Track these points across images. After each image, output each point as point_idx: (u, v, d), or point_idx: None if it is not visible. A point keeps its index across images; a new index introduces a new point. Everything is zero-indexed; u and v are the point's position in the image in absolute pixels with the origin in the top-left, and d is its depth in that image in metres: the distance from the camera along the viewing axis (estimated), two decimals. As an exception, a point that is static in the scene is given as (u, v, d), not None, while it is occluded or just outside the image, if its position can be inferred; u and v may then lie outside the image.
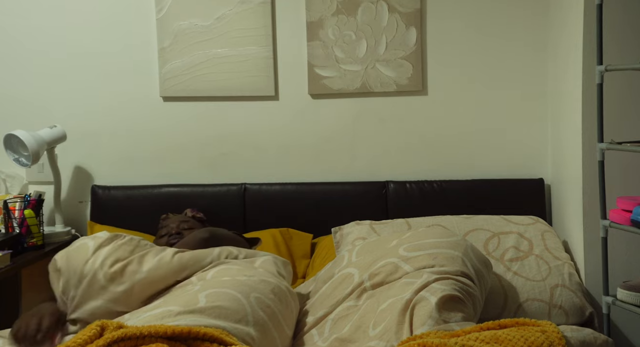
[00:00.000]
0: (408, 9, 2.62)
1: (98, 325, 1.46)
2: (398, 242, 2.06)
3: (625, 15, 2.18)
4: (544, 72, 2.61)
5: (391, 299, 1.81)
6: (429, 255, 1.93)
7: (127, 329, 1.42)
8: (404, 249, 2.00)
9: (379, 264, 1.94)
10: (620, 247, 2.19)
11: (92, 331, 1.43)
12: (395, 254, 1.99)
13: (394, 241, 2.10)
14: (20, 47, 2.77)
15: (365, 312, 1.83)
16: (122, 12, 2.73)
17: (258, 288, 1.80)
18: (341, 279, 2.00)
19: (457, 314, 1.72)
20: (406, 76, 2.65)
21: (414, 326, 1.69)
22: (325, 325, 1.88)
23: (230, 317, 1.63)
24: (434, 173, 2.65)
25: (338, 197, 2.61)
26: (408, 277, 1.81)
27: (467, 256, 1.96)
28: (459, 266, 1.89)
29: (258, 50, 2.68)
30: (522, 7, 2.60)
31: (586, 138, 2.20)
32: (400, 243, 2.05)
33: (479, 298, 1.87)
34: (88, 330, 1.45)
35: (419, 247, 1.99)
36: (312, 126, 2.71)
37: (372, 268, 1.96)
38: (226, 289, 1.73)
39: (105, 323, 1.48)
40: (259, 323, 1.68)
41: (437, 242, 2.00)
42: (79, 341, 1.40)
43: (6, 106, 2.79)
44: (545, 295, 2.15)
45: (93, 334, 1.43)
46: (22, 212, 2.44)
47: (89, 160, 2.80)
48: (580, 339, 1.53)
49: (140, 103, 2.74)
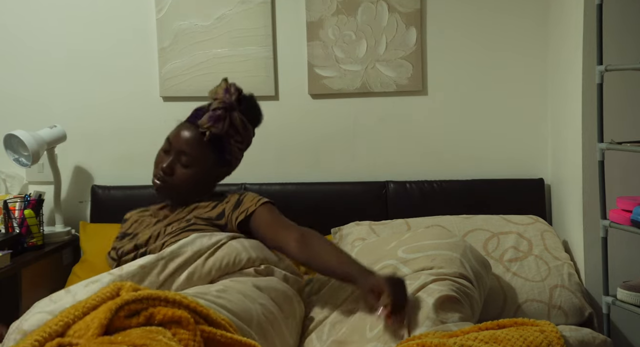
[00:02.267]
0: (408, 9, 2.62)
1: (116, 286, 1.44)
2: (397, 244, 2.05)
3: (625, 15, 2.18)
4: (544, 72, 2.61)
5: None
6: (427, 257, 1.92)
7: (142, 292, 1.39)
8: (403, 250, 1.99)
9: (377, 267, 1.94)
10: (620, 247, 2.19)
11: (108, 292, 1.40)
12: (393, 256, 1.98)
13: (392, 242, 2.09)
14: (20, 47, 2.78)
15: (363, 314, 1.82)
16: (122, 12, 2.73)
17: (264, 295, 1.78)
18: (340, 281, 1.99)
19: (455, 315, 1.72)
20: (406, 76, 2.64)
21: (410, 327, 1.68)
22: (324, 328, 1.87)
23: (237, 315, 1.62)
24: (434, 173, 2.65)
25: (338, 197, 2.61)
26: (406, 279, 1.81)
27: (465, 257, 1.95)
28: (456, 267, 1.88)
29: (258, 50, 2.68)
30: (522, 7, 2.60)
31: (586, 138, 2.20)
32: (399, 245, 2.04)
33: (476, 299, 1.87)
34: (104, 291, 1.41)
35: (418, 249, 1.98)
36: (312, 126, 2.71)
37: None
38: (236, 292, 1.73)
39: (121, 285, 1.45)
40: (262, 329, 1.67)
41: (435, 244, 1.99)
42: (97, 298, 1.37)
43: (6, 106, 2.79)
44: (545, 296, 2.15)
45: (110, 294, 1.40)
46: (22, 212, 2.44)
47: (89, 160, 2.80)
48: (579, 339, 1.53)
49: (141, 103, 2.75)
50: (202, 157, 2.09)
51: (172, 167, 2.09)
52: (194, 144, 2.08)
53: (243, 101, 2.16)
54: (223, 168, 2.18)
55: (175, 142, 2.10)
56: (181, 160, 2.09)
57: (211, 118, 2.07)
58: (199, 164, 2.09)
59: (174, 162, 2.09)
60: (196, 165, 2.09)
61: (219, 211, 2.08)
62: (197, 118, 2.12)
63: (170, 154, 2.11)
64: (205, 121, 2.07)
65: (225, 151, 2.13)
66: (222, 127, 2.07)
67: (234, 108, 2.12)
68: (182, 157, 2.09)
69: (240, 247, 1.92)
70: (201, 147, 2.09)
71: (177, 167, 2.09)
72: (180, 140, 2.10)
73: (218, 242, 1.91)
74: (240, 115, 2.13)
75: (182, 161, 2.09)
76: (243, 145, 2.19)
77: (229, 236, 1.96)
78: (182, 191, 2.12)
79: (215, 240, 1.91)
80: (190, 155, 2.08)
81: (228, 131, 2.09)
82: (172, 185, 2.10)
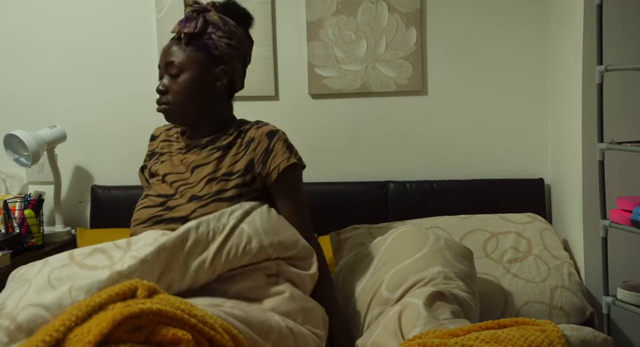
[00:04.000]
0: (408, 9, 2.62)
1: (132, 285, 1.39)
2: (375, 271, 2.00)
3: (625, 15, 2.18)
4: (544, 72, 2.61)
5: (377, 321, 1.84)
6: (413, 288, 1.87)
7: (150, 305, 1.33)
8: (386, 287, 1.91)
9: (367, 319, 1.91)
10: (620, 247, 2.19)
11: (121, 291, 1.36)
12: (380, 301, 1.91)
13: (371, 264, 2.04)
14: (20, 47, 2.78)
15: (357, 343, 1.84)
16: (122, 12, 2.73)
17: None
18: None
19: (445, 309, 1.73)
20: (406, 76, 2.65)
21: (404, 331, 1.68)
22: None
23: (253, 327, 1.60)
24: (434, 173, 2.65)
25: (338, 198, 2.61)
26: (392, 307, 1.83)
27: (447, 264, 1.92)
28: (442, 284, 1.85)
29: (258, 50, 2.67)
30: (522, 7, 2.60)
31: (586, 138, 2.20)
32: (378, 273, 1.98)
33: (470, 301, 1.85)
34: (117, 288, 1.37)
35: (399, 281, 1.90)
36: (312, 126, 2.71)
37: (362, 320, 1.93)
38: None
39: (137, 284, 1.40)
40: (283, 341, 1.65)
41: (413, 263, 1.93)
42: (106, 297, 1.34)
43: (6, 106, 2.79)
44: (546, 297, 2.15)
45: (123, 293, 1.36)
46: (22, 212, 2.44)
47: (89, 160, 2.80)
48: (580, 338, 1.53)
49: (141, 103, 2.74)
50: (188, 59, 1.93)
51: (166, 84, 1.95)
52: (175, 52, 1.94)
53: (219, 4, 2.03)
54: (219, 66, 1.97)
55: (161, 61, 1.98)
56: (171, 72, 1.95)
57: (181, 21, 1.96)
58: (187, 67, 1.93)
59: (165, 79, 1.96)
60: (186, 70, 1.93)
61: (246, 161, 1.93)
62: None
63: (162, 77, 1.99)
64: (176, 26, 1.96)
65: (210, 48, 1.95)
66: (195, 26, 1.93)
67: (207, 9, 1.98)
68: (170, 70, 1.95)
69: (252, 231, 1.78)
70: (183, 51, 1.94)
71: (170, 83, 1.95)
72: (164, 55, 1.97)
73: (224, 228, 1.77)
74: (216, 14, 1.98)
75: (171, 73, 1.94)
76: (231, 40, 1.98)
77: (241, 215, 1.82)
78: (186, 104, 1.96)
79: (223, 222, 1.77)
80: (176, 63, 1.93)
81: (205, 29, 1.94)
82: (173, 102, 1.95)
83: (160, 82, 1.97)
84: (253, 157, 1.94)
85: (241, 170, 1.92)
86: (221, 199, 1.87)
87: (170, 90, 1.94)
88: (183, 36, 1.93)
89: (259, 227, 1.80)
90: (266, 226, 1.82)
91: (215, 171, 1.92)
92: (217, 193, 1.88)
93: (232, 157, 1.94)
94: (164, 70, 1.96)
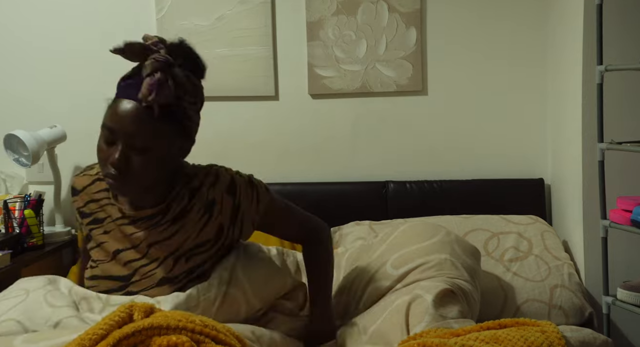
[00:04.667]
0: (408, 9, 2.62)
1: (127, 308, 1.39)
2: (382, 253, 2.01)
3: (625, 15, 2.18)
4: (544, 72, 2.61)
5: (383, 305, 1.83)
6: (417, 268, 1.88)
7: (141, 322, 1.34)
8: (391, 264, 1.93)
9: (367, 290, 1.92)
10: (620, 247, 2.19)
11: (119, 318, 1.36)
12: (384, 275, 1.93)
13: (377, 249, 2.05)
14: (20, 47, 2.78)
15: (356, 320, 1.84)
16: (123, 12, 2.73)
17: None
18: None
19: (454, 309, 1.72)
20: (406, 76, 2.65)
21: (410, 325, 1.68)
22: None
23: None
24: (434, 173, 2.65)
25: (338, 197, 2.61)
26: (398, 293, 1.82)
27: (455, 255, 1.93)
28: (448, 270, 1.86)
29: (258, 50, 2.68)
30: (523, 7, 2.60)
31: (586, 138, 2.20)
32: (384, 255, 2.00)
33: (472, 295, 1.86)
34: (114, 316, 1.36)
35: (405, 261, 1.92)
36: (312, 126, 2.71)
37: (361, 293, 1.94)
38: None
39: (133, 307, 1.40)
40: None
41: (421, 248, 1.94)
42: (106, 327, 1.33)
43: (6, 106, 2.79)
44: (545, 296, 2.15)
45: (121, 319, 1.36)
46: (22, 212, 2.44)
47: (89, 160, 2.75)
48: (579, 339, 1.53)
49: (140, 103, 2.74)
50: (158, 135, 1.59)
51: (126, 158, 1.58)
52: (143, 123, 1.57)
53: (174, 51, 1.65)
54: (186, 139, 1.68)
55: (119, 127, 1.58)
56: (134, 146, 1.58)
57: (152, 86, 1.56)
58: (157, 145, 1.59)
59: (125, 151, 1.58)
60: (154, 147, 1.59)
61: (215, 228, 1.72)
62: (131, 90, 1.63)
63: (116, 144, 1.59)
64: (147, 93, 1.56)
65: (181, 118, 1.64)
66: (169, 93, 1.57)
67: (172, 64, 1.60)
68: (134, 143, 1.58)
69: (240, 295, 1.69)
70: (153, 123, 1.57)
71: (131, 157, 1.58)
72: (125, 123, 1.58)
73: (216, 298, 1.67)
74: (181, 71, 1.63)
75: (135, 147, 1.58)
76: (197, 105, 1.70)
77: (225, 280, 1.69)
78: (145, 180, 1.63)
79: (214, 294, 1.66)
80: (143, 138, 1.58)
81: (177, 94, 1.59)
82: (132, 180, 1.60)
83: (117, 154, 1.58)
84: (221, 222, 1.72)
85: (211, 240, 1.72)
86: (198, 276, 1.70)
87: (132, 166, 1.59)
88: (156, 107, 1.57)
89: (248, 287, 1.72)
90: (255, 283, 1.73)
91: (180, 247, 1.69)
92: (191, 272, 1.70)
93: (195, 226, 1.70)
94: (123, 141, 1.58)
